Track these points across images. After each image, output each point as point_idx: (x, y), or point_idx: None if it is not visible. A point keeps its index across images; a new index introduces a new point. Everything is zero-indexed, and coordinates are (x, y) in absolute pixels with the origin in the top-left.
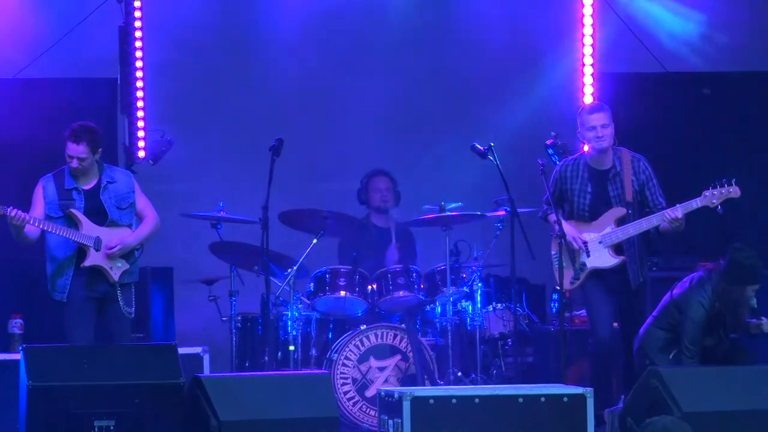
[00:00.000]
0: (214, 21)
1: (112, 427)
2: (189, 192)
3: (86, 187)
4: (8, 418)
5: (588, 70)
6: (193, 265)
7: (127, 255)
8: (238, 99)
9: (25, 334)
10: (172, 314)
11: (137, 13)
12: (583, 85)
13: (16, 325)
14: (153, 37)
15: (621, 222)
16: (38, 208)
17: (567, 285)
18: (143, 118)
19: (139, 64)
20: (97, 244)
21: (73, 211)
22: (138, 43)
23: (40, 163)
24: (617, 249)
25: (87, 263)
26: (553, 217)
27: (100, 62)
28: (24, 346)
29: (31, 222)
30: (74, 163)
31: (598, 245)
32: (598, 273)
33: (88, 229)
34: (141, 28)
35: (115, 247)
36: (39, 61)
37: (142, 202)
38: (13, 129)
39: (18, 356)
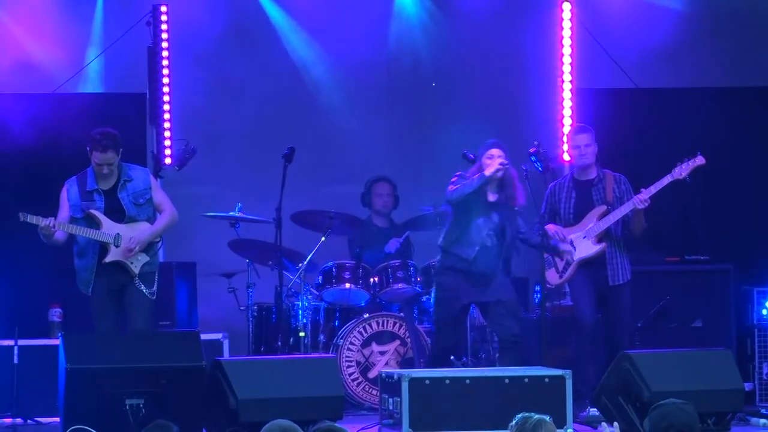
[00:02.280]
0: (231, 42)
1: (141, 405)
2: (210, 195)
3: (106, 188)
4: (49, 397)
5: (567, 86)
6: (214, 260)
7: (147, 248)
8: (255, 112)
9: (63, 321)
10: (195, 304)
11: (164, 35)
12: (563, 99)
13: (55, 314)
14: (178, 57)
15: (603, 217)
16: (64, 210)
17: (556, 279)
18: (169, 129)
19: (165, 80)
20: (117, 240)
21: (92, 211)
22: (164, 62)
23: (77, 171)
24: (599, 240)
25: (108, 259)
26: (551, 227)
27: (131, 79)
28: (63, 332)
29: (54, 227)
30: (105, 170)
31: (582, 239)
32: (584, 266)
33: (108, 227)
34: (167, 49)
35: (134, 247)
36: (76, 78)
37: (159, 197)
38: (53, 140)
39: (57, 342)
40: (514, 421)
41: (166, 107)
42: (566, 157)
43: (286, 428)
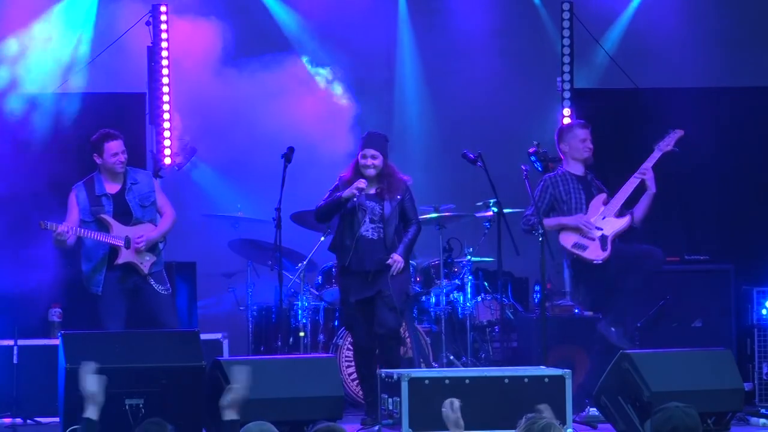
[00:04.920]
0: (231, 41)
1: (141, 405)
2: (210, 194)
3: (113, 192)
4: (49, 397)
5: (567, 86)
6: (214, 259)
7: (153, 248)
8: (254, 111)
9: (63, 321)
10: (195, 304)
11: (164, 35)
12: (563, 99)
13: (55, 314)
14: (178, 56)
15: (606, 202)
16: (73, 214)
17: (602, 254)
18: (169, 129)
19: (165, 80)
20: (127, 242)
21: (103, 216)
22: (164, 62)
23: (78, 170)
24: (620, 214)
25: (120, 260)
26: (550, 220)
27: (131, 78)
28: (62, 332)
29: (69, 232)
30: (119, 158)
31: (602, 220)
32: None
33: (118, 230)
34: (167, 48)
35: (141, 243)
36: (76, 77)
37: (161, 200)
38: (53, 139)
39: (57, 342)
40: (523, 420)
41: (166, 107)
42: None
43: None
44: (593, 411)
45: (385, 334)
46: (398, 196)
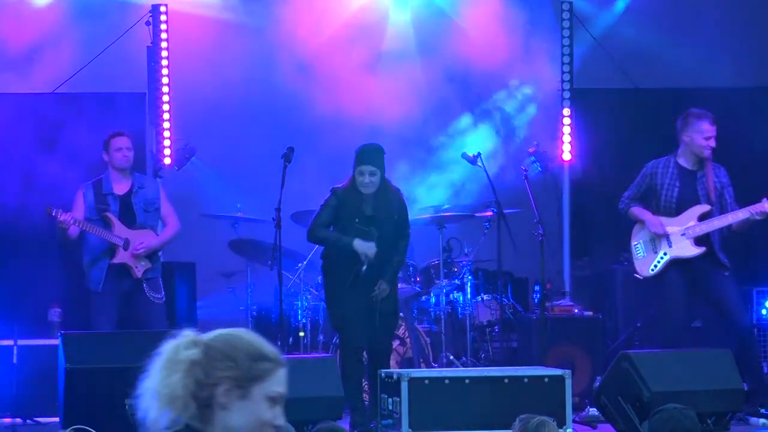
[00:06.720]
0: (231, 41)
1: None
2: (210, 194)
3: (120, 193)
4: (49, 397)
5: (566, 86)
6: (213, 260)
7: (150, 255)
8: (254, 111)
9: (63, 321)
10: (195, 304)
11: (163, 35)
12: (562, 99)
13: (55, 314)
14: (178, 56)
15: (704, 218)
16: (79, 210)
17: (646, 272)
18: (169, 129)
19: (165, 80)
20: (126, 244)
21: (108, 214)
22: (164, 62)
23: (78, 169)
24: (698, 241)
25: (116, 260)
26: (636, 210)
27: (131, 78)
28: (62, 332)
29: (71, 222)
30: (124, 153)
31: (680, 237)
32: (680, 264)
33: (119, 230)
34: (167, 48)
35: (141, 249)
36: (76, 77)
37: (166, 209)
38: (53, 140)
39: (57, 342)
40: (516, 421)
41: (166, 107)
42: (566, 156)
43: None
44: (593, 411)
45: (381, 356)
46: (395, 216)
